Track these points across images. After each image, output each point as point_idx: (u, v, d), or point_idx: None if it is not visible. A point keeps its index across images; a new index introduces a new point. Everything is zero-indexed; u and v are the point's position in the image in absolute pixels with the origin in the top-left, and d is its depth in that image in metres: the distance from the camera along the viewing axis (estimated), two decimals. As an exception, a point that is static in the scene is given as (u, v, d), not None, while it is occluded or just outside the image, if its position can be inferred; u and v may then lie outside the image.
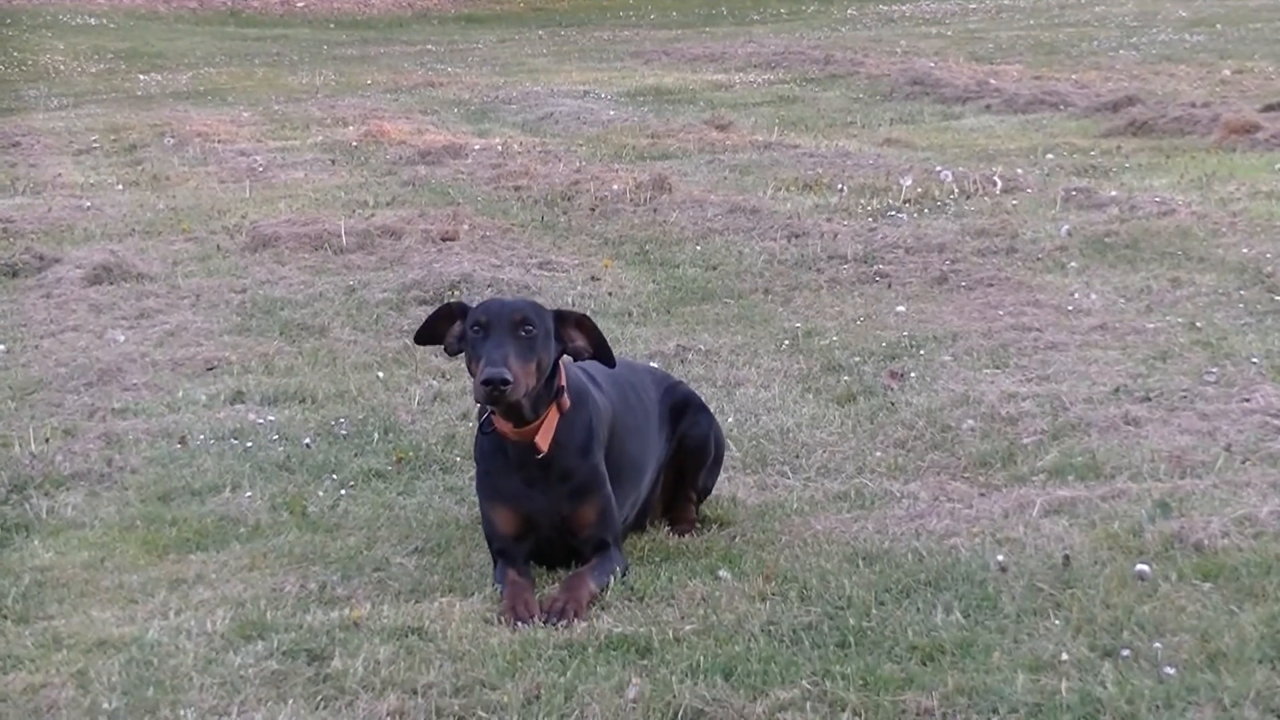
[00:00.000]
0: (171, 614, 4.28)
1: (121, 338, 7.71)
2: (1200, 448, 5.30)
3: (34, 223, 11.05)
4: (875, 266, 8.57)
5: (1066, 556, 4.29)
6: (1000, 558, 4.32)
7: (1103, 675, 3.61)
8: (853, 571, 4.34)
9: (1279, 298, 7.30)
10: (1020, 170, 11.46)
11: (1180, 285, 7.67)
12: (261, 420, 6.20)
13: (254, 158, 14.51)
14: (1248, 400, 5.75)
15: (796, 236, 9.42)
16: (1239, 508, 4.60)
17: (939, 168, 11.43)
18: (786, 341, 7.17)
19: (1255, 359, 6.28)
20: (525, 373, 4.24)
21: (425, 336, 4.55)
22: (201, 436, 6.02)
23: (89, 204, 12.08)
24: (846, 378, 6.53)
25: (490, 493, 4.49)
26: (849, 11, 35.62)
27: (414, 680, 3.76)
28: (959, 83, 17.79)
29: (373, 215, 10.66)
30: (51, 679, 3.88)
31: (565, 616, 4.10)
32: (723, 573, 4.39)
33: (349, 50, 30.86)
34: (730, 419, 5.97)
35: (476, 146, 14.13)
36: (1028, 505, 4.80)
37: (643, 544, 4.75)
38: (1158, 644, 3.74)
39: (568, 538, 4.48)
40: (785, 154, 13.06)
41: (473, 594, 4.35)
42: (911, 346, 6.88)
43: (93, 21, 35.99)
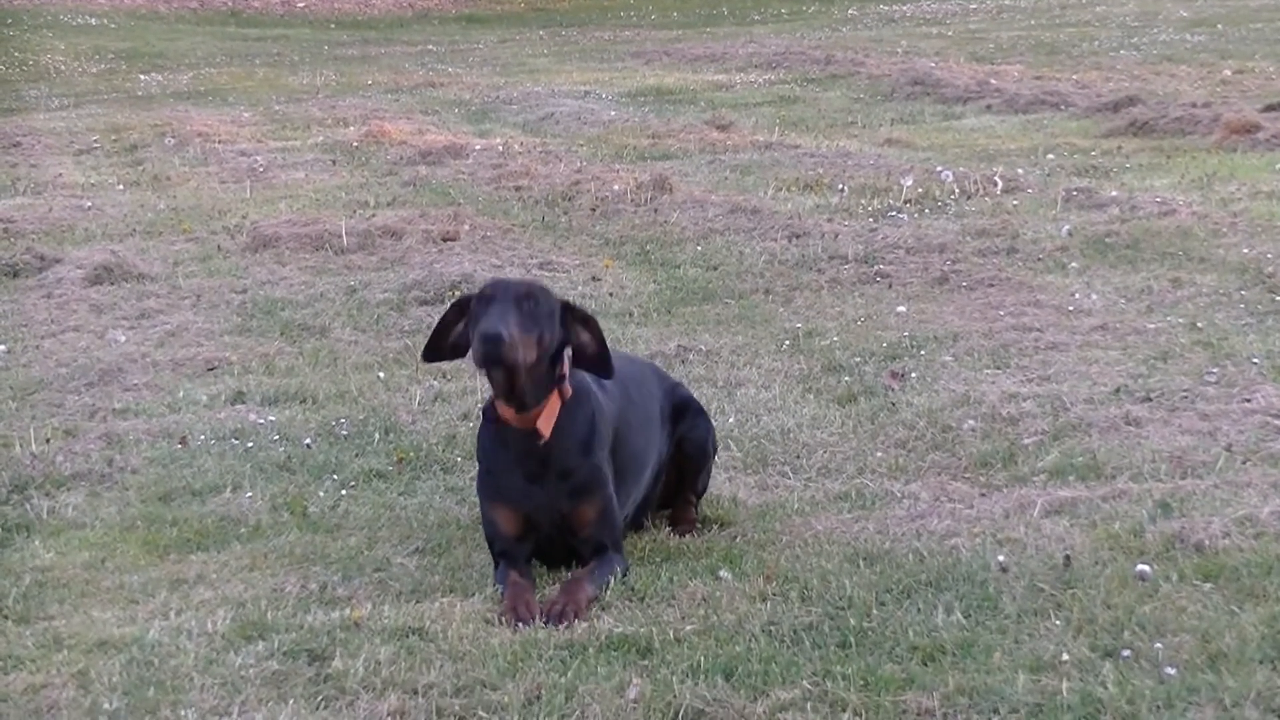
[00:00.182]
0: (172, 614, 4.28)
1: (122, 338, 7.71)
2: (1201, 448, 5.30)
3: (35, 223, 11.05)
4: (876, 267, 8.57)
5: (1067, 557, 4.29)
6: (1001, 558, 4.32)
7: (1103, 675, 3.61)
8: (853, 572, 4.34)
9: (1279, 298, 7.31)
10: (1021, 170, 11.45)
11: (1181, 285, 7.67)
12: (262, 420, 6.20)
13: (255, 158, 14.51)
14: (1248, 400, 5.74)
15: (797, 237, 9.41)
16: (1240, 508, 4.59)
17: (940, 168, 11.41)
18: (787, 342, 7.17)
19: (1256, 359, 6.28)
20: (525, 342, 4.20)
21: (434, 349, 4.51)
22: (202, 437, 6.02)
23: (90, 204, 12.08)
24: (847, 378, 6.53)
25: (491, 493, 4.49)
26: (850, 12, 35.60)
27: (415, 680, 3.76)
28: (960, 83, 17.76)
29: (373, 215, 10.65)
30: (52, 679, 3.88)
31: (564, 619, 4.10)
32: (723, 573, 4.39)
33: (350, 50, 30.86)
34: (731, 419, 5.97)
35: (477, 147, 14.12)
36: (1028, 505, 4.80)
37: (643, 544, 4.76)
38: (1158, 644, 3.74)
39: (568, 537, 4.48)
40: (786, 154, 13.04)
41: (473, 594, 4.35)
42: (912, 347, 6.88)
43: (93, 21, 35.99)
